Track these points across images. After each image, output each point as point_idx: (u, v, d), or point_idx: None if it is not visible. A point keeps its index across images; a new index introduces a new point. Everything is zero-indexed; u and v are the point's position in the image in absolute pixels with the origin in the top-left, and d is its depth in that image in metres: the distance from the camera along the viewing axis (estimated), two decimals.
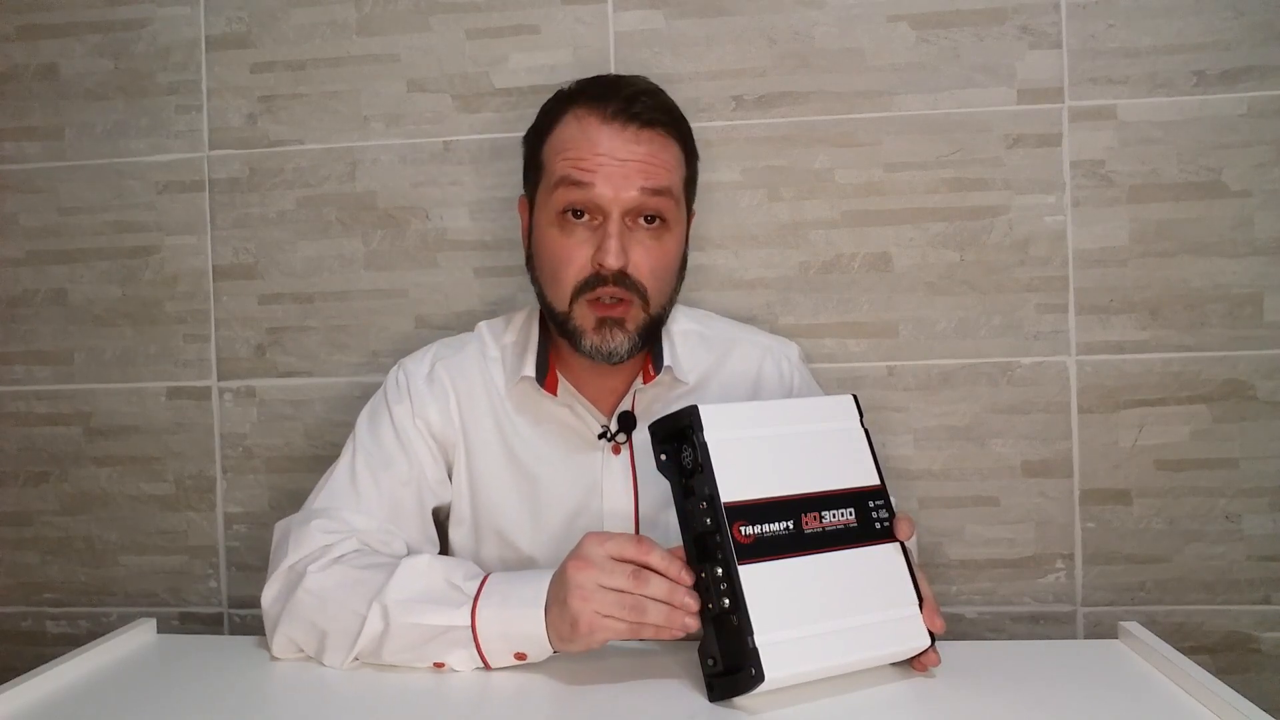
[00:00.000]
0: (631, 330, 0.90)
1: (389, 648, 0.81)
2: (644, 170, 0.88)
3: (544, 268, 0.93)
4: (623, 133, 0.88)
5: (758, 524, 0.72)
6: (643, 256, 0.89)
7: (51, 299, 1.27)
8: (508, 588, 0.79)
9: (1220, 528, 1.15)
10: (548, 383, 0.95)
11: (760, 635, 0.68)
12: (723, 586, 0.70)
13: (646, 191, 0.88)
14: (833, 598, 0.73)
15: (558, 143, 0.91)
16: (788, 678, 0.70)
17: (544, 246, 0.92)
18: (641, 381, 0.96)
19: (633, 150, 0.88)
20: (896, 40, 1.17)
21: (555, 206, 0.90)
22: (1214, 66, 1.14)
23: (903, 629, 0.75)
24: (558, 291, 0.90)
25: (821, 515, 0.75)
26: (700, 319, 1.05)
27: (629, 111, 0.89)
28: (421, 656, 0.81)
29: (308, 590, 0.83)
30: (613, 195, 0.87)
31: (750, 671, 0.68)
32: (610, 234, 0.87)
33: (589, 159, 0.88)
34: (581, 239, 0.89)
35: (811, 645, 0.70)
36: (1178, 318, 1.15)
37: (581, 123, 0.90)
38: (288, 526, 0.91)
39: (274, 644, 0.86)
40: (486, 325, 1.03)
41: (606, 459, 0.96)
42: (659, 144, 0.90)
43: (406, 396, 0.97)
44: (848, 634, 0.72)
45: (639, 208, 0.89)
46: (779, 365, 1.03)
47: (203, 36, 1.24)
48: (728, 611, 0.70)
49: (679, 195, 0.93)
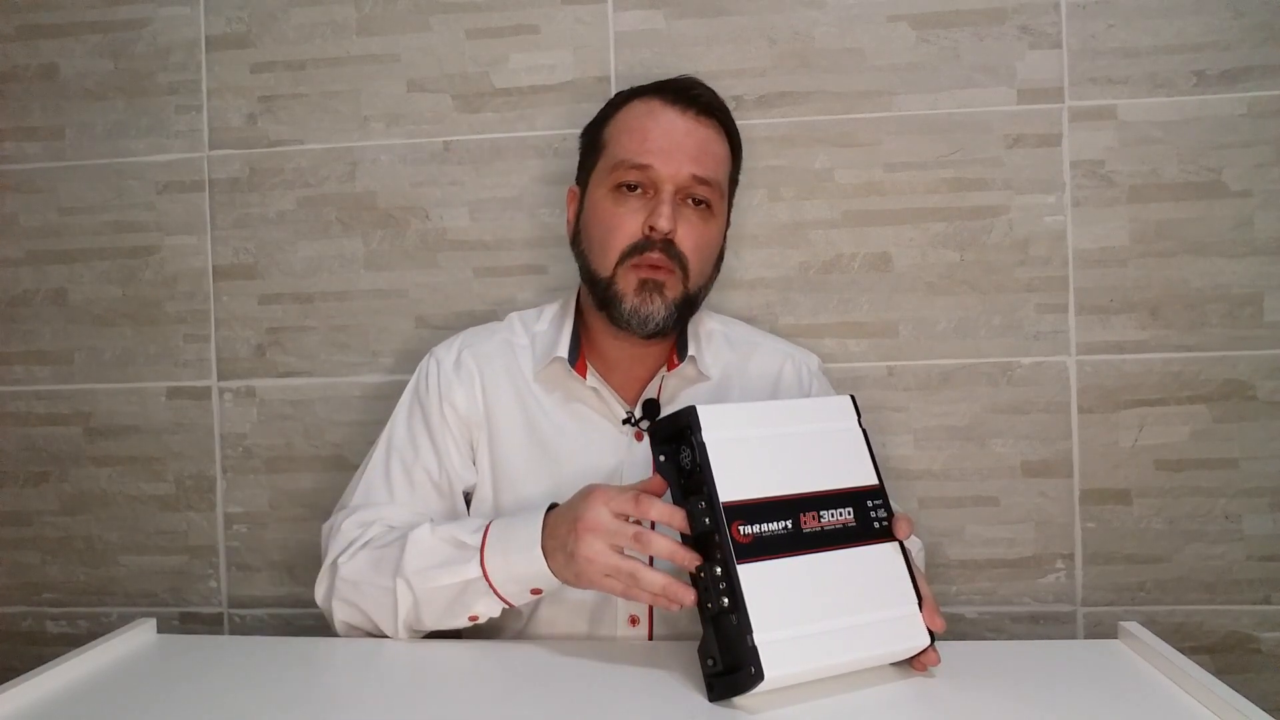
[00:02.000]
0: (670, 299, 0.94)
1: (426, 614, 0.86)
2: (697, 156, 0.94)
3: (593, 236, 0.97)
4: (682, 115, 0.95)
5: (756, 523, 0.72)
6: (688, 231, 0.94)
7: (51, 299, 1.27)
8: (507, 534, 0.83)
9: (1220, 528, 1.15)
10: (578, 366, 0.98)
11: (759, 634, 0.68)
12: (722, 586, 0.70)
13: (697, 179, 0.94)
14: (832, 597, 0.73)
15: (621, 123, 0.98)
16: (787, 677, 0.70)
17: (596, 217, 0.97)
18: (667, 370, 0.99)
19: (690, 131, 0.95)
20: (896, 40, 1.17)
21: (612, 180, 0.95)
22: (1214, 66, 1.14)
23: (902, 628, 0.75)
24: (605, 257, 0.95)
25: (820, 515, 0.75)
26: (725, 322, 1.09)
27: (689, 95, 0.96)
28: (454, 615, 0.86)
29: (343, 579, 0.90)
30: (667, 171, 0.93)
31: (750, 670, 0.68)
32: (663, 201, 0.93)
33: (651, 133, 0.94)
34: (634, 208, 0.94)
35: (811, 644, 0.70)
36: (1178, 318, 1.15)
37: (647, 105, 0.97)
38: (329, 527, 0.97)
39: (339, 632, 0.92)
40: (518, 315, 1.07)
41: (630, 444, 0.98)
42: (713, 134, 0.97)
43: (435, 385, 1.01)
44: (847, 633, 0.72)
45: (689, 188, 0.94)
46: (799, 371, 1.06)
47: (203, 36, 1.24)
48: (727, 611, 0.70)
49: (724, 190, 0.99)
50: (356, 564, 0.89)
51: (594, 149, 1.00)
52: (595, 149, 1.00)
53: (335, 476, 1.22)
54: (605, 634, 0.94)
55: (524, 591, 0.84)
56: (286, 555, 1.24)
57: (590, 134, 1.02)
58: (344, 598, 0.90)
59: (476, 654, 0.87)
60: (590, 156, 1.01)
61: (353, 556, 0.90)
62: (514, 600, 0.85)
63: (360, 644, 0.89)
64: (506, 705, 0.74)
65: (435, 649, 0.87)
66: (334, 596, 0.90)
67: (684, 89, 0.97)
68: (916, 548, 1.01)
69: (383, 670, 0.82)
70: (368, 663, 0.84)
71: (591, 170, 1.00)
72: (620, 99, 1.01)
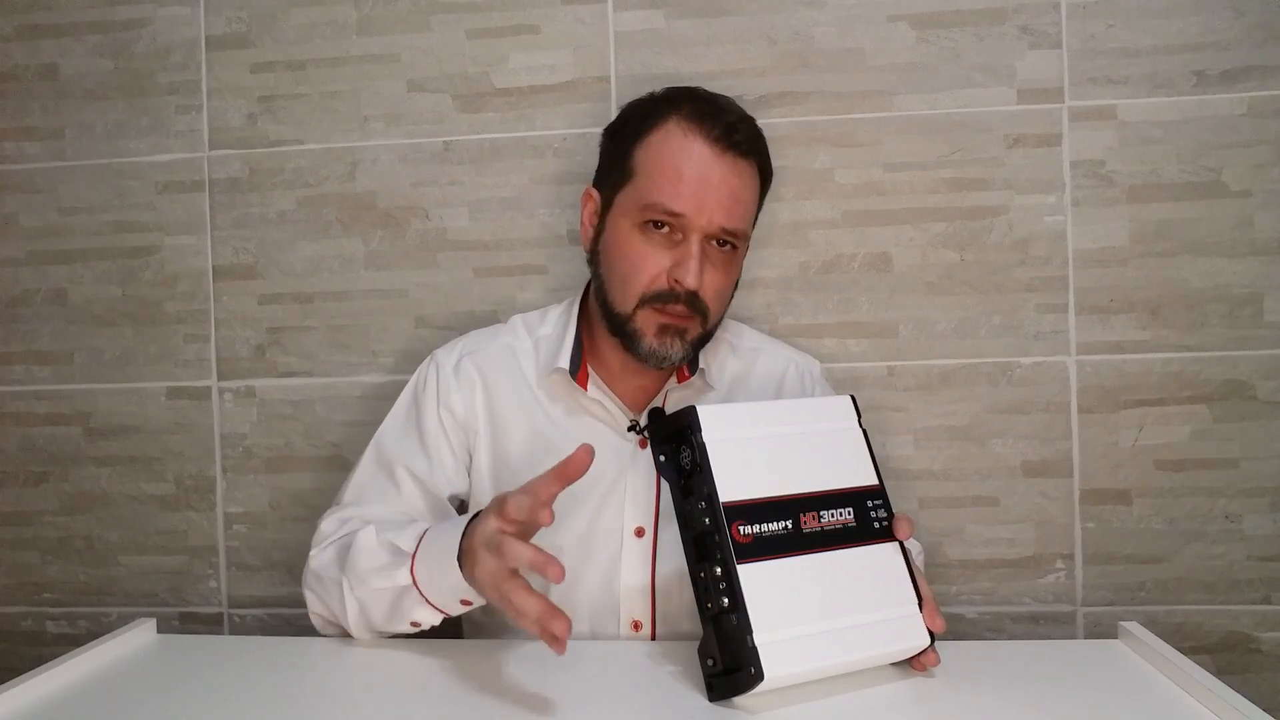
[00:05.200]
0: (689, 341, 0.93)
1: (373, 618, 0.86)
2: (728, 207, 0.90)
3: (615, 268, 0.94)
4: (720, 159, 0.90)
5: (756, 524, 0.72)
6: (712, 279, 0.92)
7: (51, 299, 1.27)
8: (433, 543, 0.81)
9: (1220, 528, 1.15)
10: (579, 377, 0.98)
11: (759, 634, 0.68)
12: (721, 586, 0.70)
13: (727, 230, 0.91)
14: (832, 597, 0.73)
15: (654, 153, 0.92)
16: (787, 676, 0.70)
17: (619, 249, 0.93)
18: (675, 381, 0.99)
19: (726, 179, 0.90)
20: (896, 40, 1.17)
21: (640, 215, 0.91)
22: (1214, 66, 1.14)
23: (902, 628, 0.75)
24: (625, 294, 0.92)
25: (820, 515, 0.75)
26: (731, 329, 1.09)
27: (730, 139, 0.90)
28: (396, 621, 0.85)
29: (311, 571, 0.91)
30: (698, 219, 0.89)
31: (750, 671, 0.68)
32: (692, 255, 0.90)
33: (686, 176, 0.89)
34: (659, 245, 0.91)
35: (811, 644, 0.70)
36: (1178, 318, 1.15)
37: (686, 136, 0.90)
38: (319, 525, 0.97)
39: (315, 625, 0.93)
40: (521, 318, 1.06)
41: (634, 452, 0.97)
42: (747, 180, 0.93)
43: (433, 389, 1.00)
44: (847, 633, 0.72)
45: (717, 235, 0.92)
46: (802, 376, 1.06)
47: (203, 36, 1.24)
48: (727, 611, 0.70)
49: (750, 228, 0.97)
50: (323, 559, 0.90)
51: (621, 167, 0.94)
52: (622, 168, 0.94)
53: (335, 476, 1.22)
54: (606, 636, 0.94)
55: (454, 601, 0.81)
56: (286, 555, 1.24)
57: (618, 146, 0.96)
58: (312, 589, 0.91)
59: (478, 654, 0.87)
60: (616, 173, 0.95)
61: (323, 551, 0.91)
62: (448, 610, 0.83)
63: (360, 644, 0.89)
64: (507, 705, 0.74)
65: (435, 649, 0.87)
66: (304, 588, 0.92)
67: (727, 129, 0.90)
68: (916, 550, 1.01)
69: (383, 670, 0.82)
70: (368, 663, 0.84)
71: (617, 189, 0.94)
72: (655, 111, 0.93)
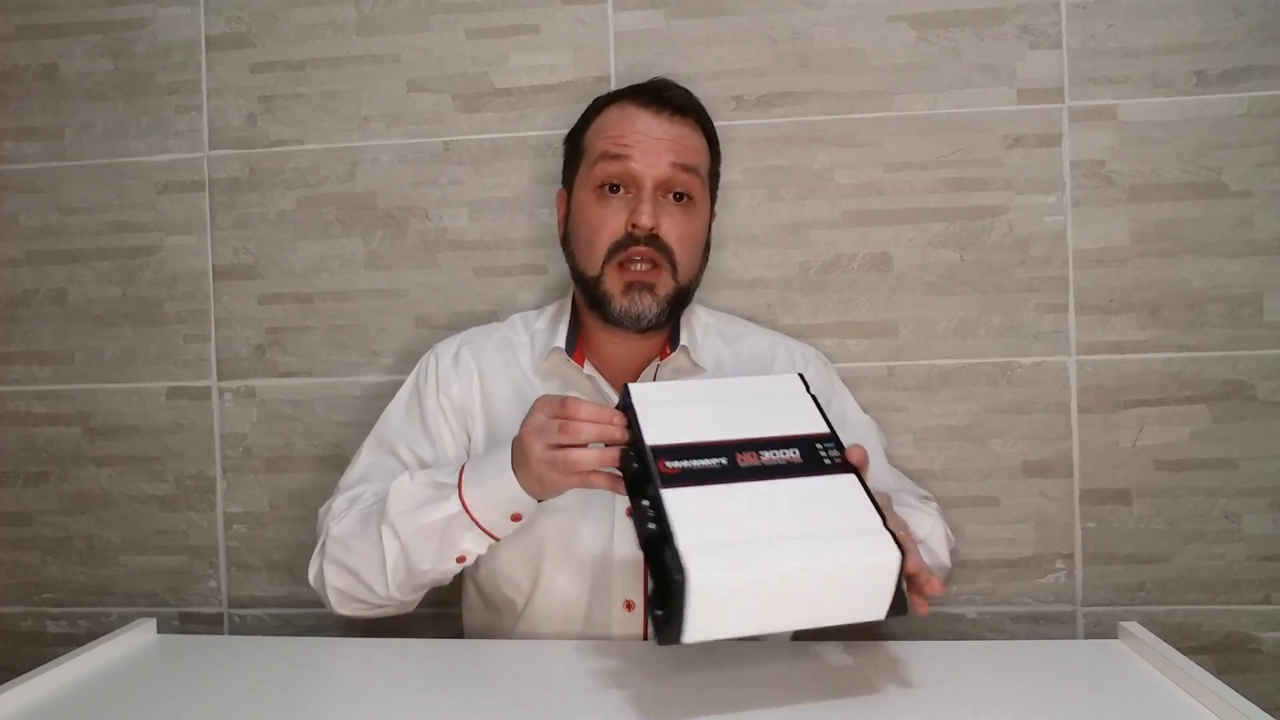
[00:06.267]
0: (661, 295, 0.96)
1: (414, 560, 0.88)
2: (675, 148, 0.97)
3: (580, 236, 0.99)
4: (658, 116, 0.98)
5: (685, 459, 0.69)
6: (672, 225, 0.96)
7: (51, 299, 1.27)
8: (480, 466, 0.86)
9: (1220, 528, 1.15)
10: (575, 356, 1.01)
11: (684, 539, 0.63)
12: (650, 512, 0.67)
13: (677, 167, 0.96)
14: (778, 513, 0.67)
15: (599, 127, 1.00)
16: (726, 582, 0.63)
17: (581, 217, 0.99)
18: (660, 359, 1.02)
19: (666, 130, 0.97)
20: (896, 40, 1.17)
21: (594, 181, 0.98)
22: (1214, 66, 1.14)
23: (864, 541, 0.67)
24: (591, 256, 0.97)
25: (760, 453, 0.71)
26: (718, 316, 1.12)
27: (663, 97, 0.99)
28: (442, 557, 0.87)
29: (334, 540, 0.92)
30: (646, 168, 0.95)
31: (678, 580, 0.62)
32: (644, 199, 0.95)
33: (627, 135, 0.96)
34: (617, 208, 0.96)
35: (753, 552, 0.64)
36: (1178, 318, 1.15)
37: (623, 109, 1.00)
38: (324, 510, 0.99)
39: (332, 604, 0.94)
40: (520, 316, 1.11)
41: None
42: (689, 129, 1.00)
43: (434, 377, 1.04)
44: (797, 541, 0.66)
45: (669, 181, 0.96)
46: (792, 357, 1.08)
47: (203, 36, 1.24)
48: (658, 536, 0.65)
49: (705, 178, 1.01)
50: (345, 524, 0.92)
51: (576, 153, 1.03)
52: (577, 153, 1.03)
53: (335, 476, 1.21)
54: (600, 619, 0.95)
55: (504, 519, 0.86)
56: (286, 555, 1.24)
57: (572, 139, 1.05)
58: (334, 559, 0.92)
59: (476, 654, 0.87)
60: (573, 161, 1.03)
61: (341, 521, 0.93)
62: (497, 531, 0.87)
63: (360, 644, 0.89)
64: (505, 705, 0.74)
65: (435, 649, 0.88)
66: (325, 560, 0.92)
67: (658, 91, 0.99)
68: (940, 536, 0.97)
69: (382, 670, 0.82)
70: (368, 663, 0.84)
71: (574, 173, 1.02)
72: (597, 104, 1.04)
